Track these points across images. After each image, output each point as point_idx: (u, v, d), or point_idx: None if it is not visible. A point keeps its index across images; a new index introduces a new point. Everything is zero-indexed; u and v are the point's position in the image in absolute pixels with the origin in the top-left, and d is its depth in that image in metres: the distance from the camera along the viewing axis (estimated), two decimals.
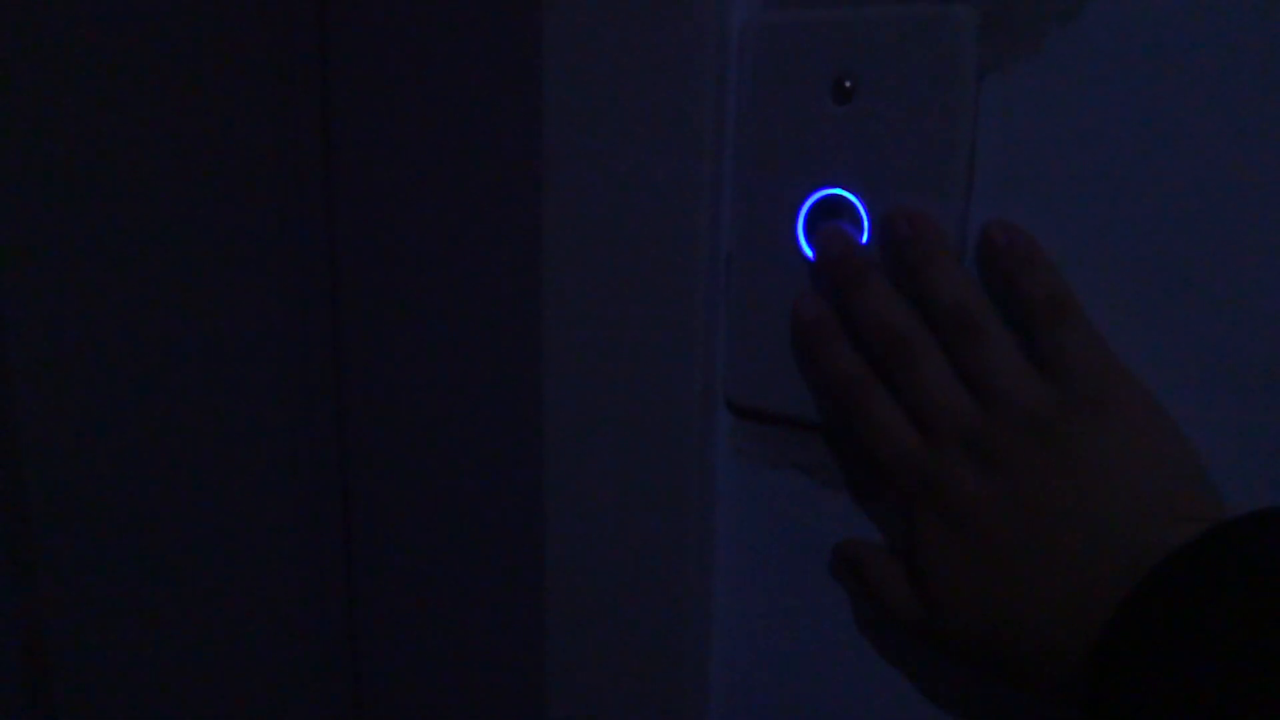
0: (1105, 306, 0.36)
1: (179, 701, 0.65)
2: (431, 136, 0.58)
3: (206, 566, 0.65)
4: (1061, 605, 0.33)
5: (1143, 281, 0.36)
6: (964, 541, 0.35)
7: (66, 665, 0.59)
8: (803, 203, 0.41)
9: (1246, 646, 0.27)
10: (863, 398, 0.39)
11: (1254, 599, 0.28)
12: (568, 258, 0.46)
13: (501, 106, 0.52)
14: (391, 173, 0.61)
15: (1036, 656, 0.33)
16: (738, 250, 0.43)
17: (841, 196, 0.40)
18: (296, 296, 0.66)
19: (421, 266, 0.61)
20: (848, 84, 0.39)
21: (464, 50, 0.54)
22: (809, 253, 0.41)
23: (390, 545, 0.70)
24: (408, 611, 0.70)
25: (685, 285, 0.43)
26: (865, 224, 0.40)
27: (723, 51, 0.42)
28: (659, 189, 0.43)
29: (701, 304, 0.43)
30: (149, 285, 0.59)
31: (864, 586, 0.40)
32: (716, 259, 0.43)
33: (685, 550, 0.46)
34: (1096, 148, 0.36)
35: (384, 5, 0.59)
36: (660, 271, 0.44)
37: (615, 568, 0.48)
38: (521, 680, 0.61)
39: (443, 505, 0.65)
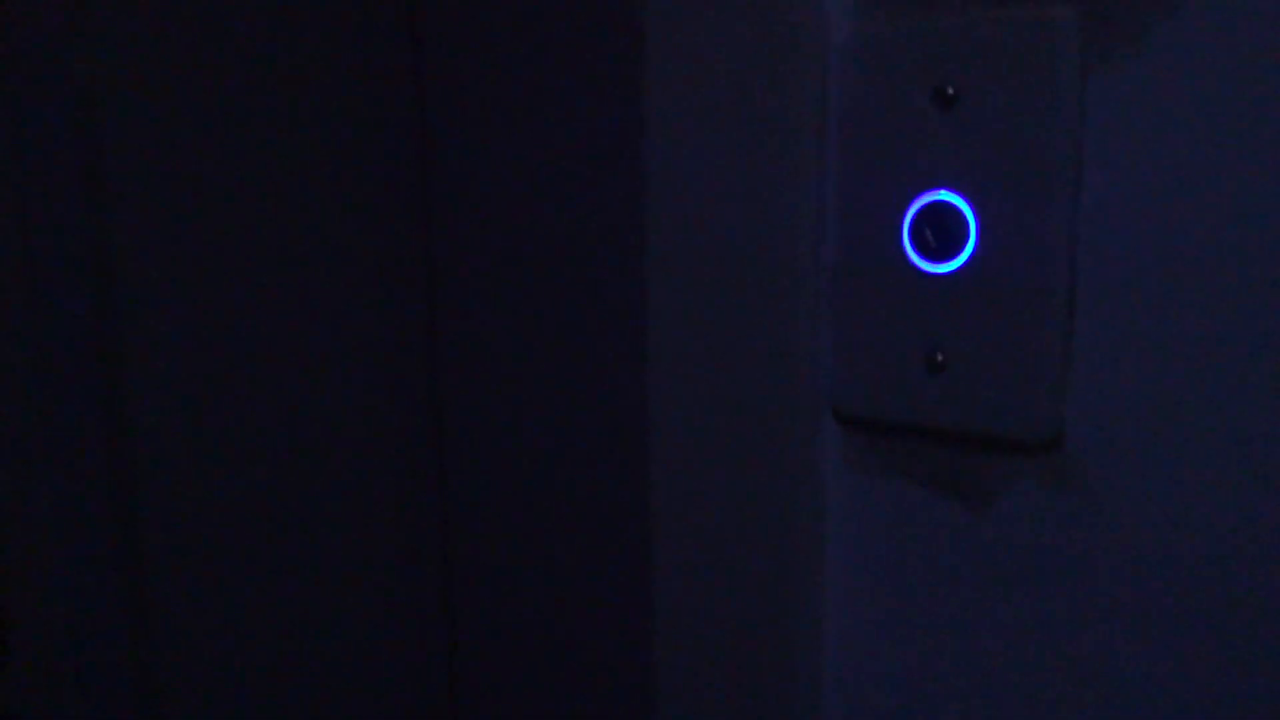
0: (1222, 309, 0.36)
1: (281, 688, 0.67)
2: (531, 147, 0.60)
3: (308, 562, 0.67)
4: None
5: (1264, 280, 0.35)
6: None
7: (172, 652, 0.61)
8: (908, 207, 0.41)
9: None
10: None
11: None
12: (671, 268, 0.47)
13: (604, 119, 0.54)
14: (492, 183, 0.63)
15: None
16: (842, 256, 0.44)
17: (947, 201, 0.40)
18: (397, 304, 0.69)
19: (523, 275, 0.63)
20: (950, 90, 0.40)
21: (565, 61, 0.56)
22: (914, 258, 0.41)
23: (490, 554, 0.71)
24: (509, 621, 0.70)
25: (790, 293, 0.44)
26: (972, 228, 0.40)
27: (823, 64, 0.43)
28: (763, 198, 0.44)
29: (807, 312, 0.44)
30: (259, 289, 0.62)
31: None
32: (820, 268, 0.44)
33: (796, 568, 0.46)
34: (1208, 142, 0.36)
35: (481, 22, 0.61)
36: (765, 281, 0.44)
37: (723, 586, 0.48)
38: (630, 698, 0.61)
39: (546, 517, 0.66)
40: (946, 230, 0.40)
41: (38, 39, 0.53)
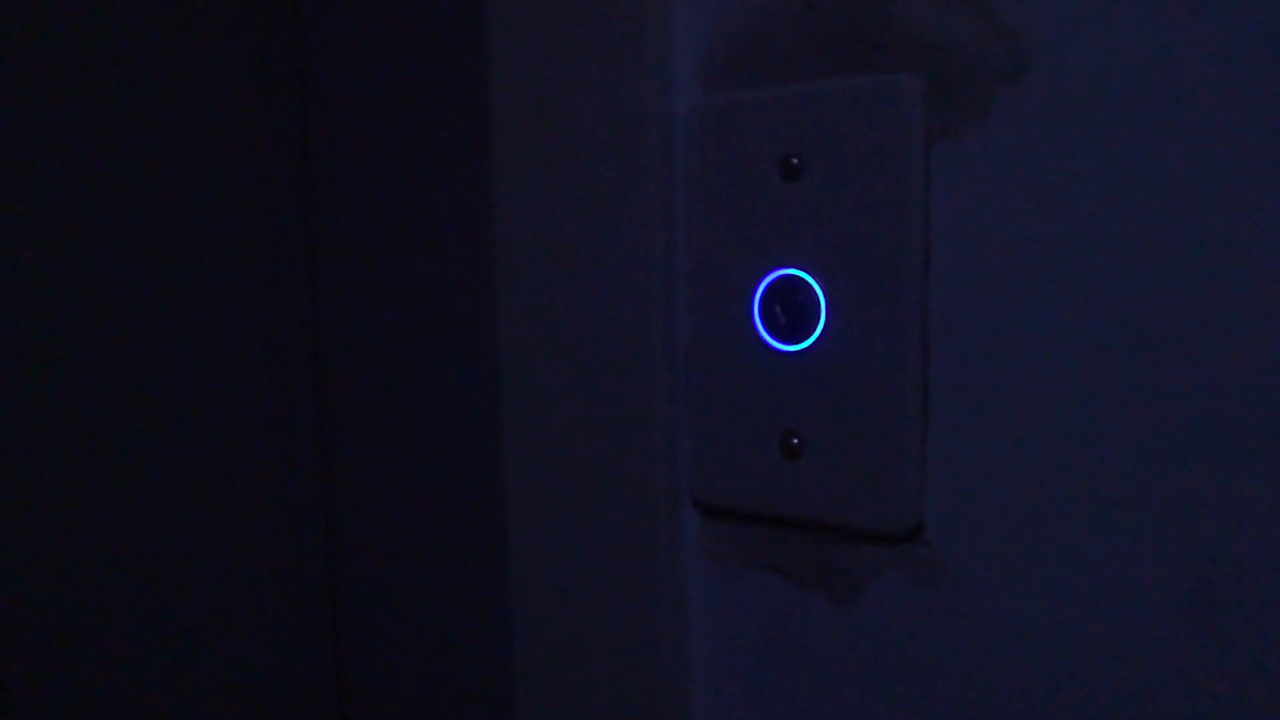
0: (1081, 384, 0.34)
1: (156, 705, 0.62)
2: (389, 236, 0.57)
3: (184, 570, 0.63)
4: None
5: (1115, 349, 0.33)
6: None
7: (25, 670, 0.56)
8: (758, 283, 0.39)
9: None
10: None
11: None
12: (521, 354, 0.44)
13: (453, 192, 0.52)
14: (359, 274, 0.61)
15: None
16: (694, 338, 0.41)
17: (797, 276, 0.38)
18: (275, 323, 0.65)
19: (386, 363, 0.60)
20: (795, 161, 0.38)
21: (418, 134, 0.54)
22: (766, 336, 0.39)
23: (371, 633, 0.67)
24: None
25: (646, 375, 0.41)
26: (822, 304, 0.38)
27: (668, 138, 0.41)
28: (611, 280, 0.42)
29: (662, 397, 0.41)
30: (127, 285, 0.58)
31: None
32: (674, 349, 0.41)
33: (658, 663, 0.43)
34: (1055, 211, 0.34)
35: (358, 101, 0.59)
36: (618, 362, 0.42)
37: (581, 685, 0.45)
38: None
39: (413, 618, 0.62)
40: (797, 307, 0.38)
41: None
